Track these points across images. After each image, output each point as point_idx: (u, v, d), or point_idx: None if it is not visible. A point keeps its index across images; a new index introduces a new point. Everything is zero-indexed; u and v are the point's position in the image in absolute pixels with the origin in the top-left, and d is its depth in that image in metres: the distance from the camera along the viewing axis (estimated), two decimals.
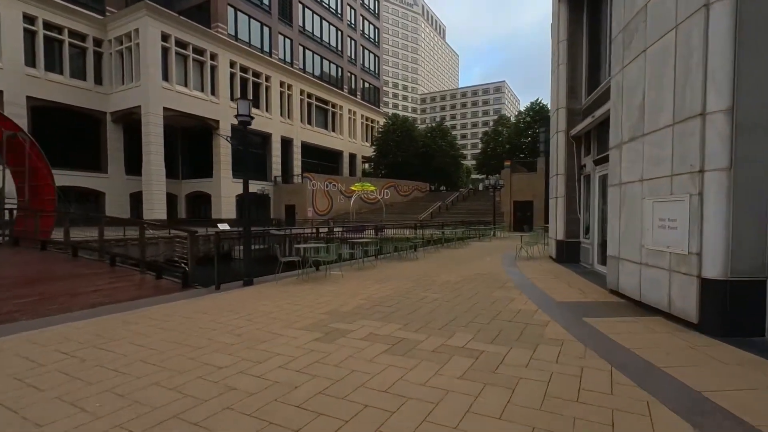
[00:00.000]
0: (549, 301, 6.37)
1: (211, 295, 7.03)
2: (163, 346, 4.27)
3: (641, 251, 5.73)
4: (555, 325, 5.06)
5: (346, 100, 45.25)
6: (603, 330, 4.79)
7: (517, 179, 28.47)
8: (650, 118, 5.53)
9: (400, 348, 4.20)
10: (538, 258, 12.30)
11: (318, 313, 5.71)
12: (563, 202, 10.88)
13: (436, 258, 12.75)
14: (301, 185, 35.19)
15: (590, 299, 6.53)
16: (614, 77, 6.75)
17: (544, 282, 8.09)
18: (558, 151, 11.02)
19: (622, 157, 6.37)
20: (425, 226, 20.20)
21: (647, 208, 5.55)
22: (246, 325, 5.09)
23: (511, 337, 4.56)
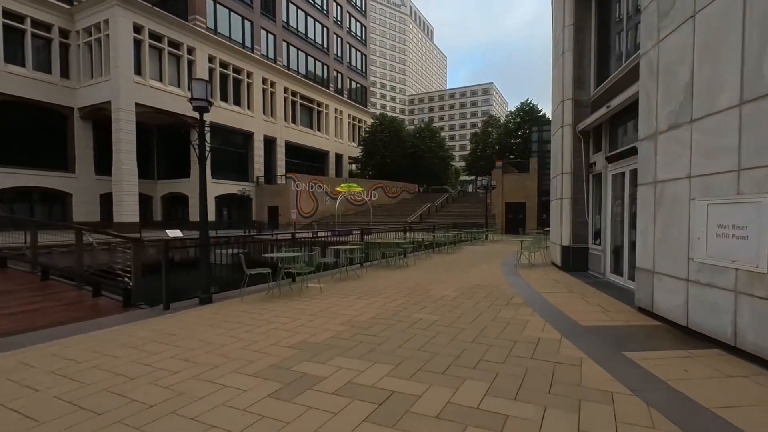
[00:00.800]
0: (571, 325, 5.21)
1: (155, 320, 5.67)
2: (45, 409, 2.93)
3: (689, 265, 4.60)
4: (591, 364, 3.88)
5: (333, 98, 43.90)
6: (657, 373, 3.63)
7: (509, 180, 27.56)
8: (703, 99, 4.41)
9: (390, 411, 2.95)
10: (540, 265, 11.21)
11: (283, 347, 4.42)
12: (569, 204, 9.79)
13: (427, 265, 11.56)
14: (285, 186, 33.68)
15: (619, 321, 5.38)
16: (645, 55, 5.64)
17: (557, 297, 6.94)
18: (563, 148, 9.94)
19: (658, 150, 5.25)
20: (415, 228, 19.04)
21: (699, 212, 4.43)
22: (183, 369, 3.77)
23: (540, 387, 3.35)
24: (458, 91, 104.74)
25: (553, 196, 11.19)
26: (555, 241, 10.76)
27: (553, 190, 11.27)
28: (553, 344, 4.46)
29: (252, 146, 34.74)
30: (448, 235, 15.98)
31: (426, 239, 14.53)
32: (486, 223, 24.28)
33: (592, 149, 9.56)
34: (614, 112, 7.89)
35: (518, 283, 8.48)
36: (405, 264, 11.75)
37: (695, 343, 4.42)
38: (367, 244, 12.03)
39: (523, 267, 10.93)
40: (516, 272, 10.00)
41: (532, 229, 26.77)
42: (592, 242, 9.56)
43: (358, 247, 9.90)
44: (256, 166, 34.86)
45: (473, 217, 29.80)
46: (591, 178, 9.54)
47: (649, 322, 5.29)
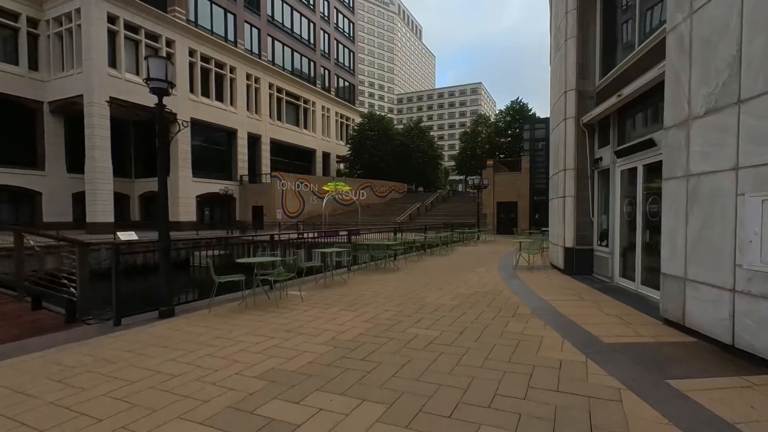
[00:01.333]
0: (593, 342, 4.46)
1: (99, 339, 4.73)
2: None
3: (735, 272, 3.88)
4: (632, 398, 3.11)
5: (320, 96, 42.88)
6: (718, 410, 2.88)
7: (501, 179, 27.00)
8: (755, 75, 3.69)
9: None
10: (540, 268, 10.51)
11: (249, 377, 3.56)
12: (572, 202, 9.10)
13: (420, 269, 10.76)
14: (270, 185, 32.57)
15: (647, 337, 4.65)
16: (674, 30, 4.92)
17: (568, 306, 6.20)
18: (566, 143, 9.25)
19: (692, 139, 4.53)
20: (405, 229, 18.23)
21: (751, 210, 3.71)
22: (112, 414, 2.88)
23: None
24: (447, 90, 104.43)
25: (553, 194, 10.51)
26: (556, 242, 10.07)
27: (553, 187, 10.59)
28: (578, 369, 3.69)
29: (235, 144, 33.53)
30: (441, 236, 15.23)
31: (417, 240, 13.76)
32: (478, 222, 23.65)
33: (597, 143, 8.89)
34: (626, 102, 7.20)
35: (521, 288, 7.74)
36: (396, 267, 10.93)
37: (746, 366, 3.70)
38: (355, 246, 11.19)
39: (522, 270, 10.22)
40: (516, 276, 9.27)
41: (525, 229, 26.26)
42: (597, 243, 8.89)
43: (345, 250, 9.04)
44: (239, 165, 33.66)
45: (464, 217, 29.17)
46: (596, 175, 8.87)
47: (683, 338, 4.56)
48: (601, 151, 8.61)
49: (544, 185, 26.08)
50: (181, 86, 28.67)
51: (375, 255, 10.64)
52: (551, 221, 11.03)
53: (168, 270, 5.79)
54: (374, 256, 10.81)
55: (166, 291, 5.78)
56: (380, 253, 10.62)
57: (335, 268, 10.04)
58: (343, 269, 10.25)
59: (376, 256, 10.70)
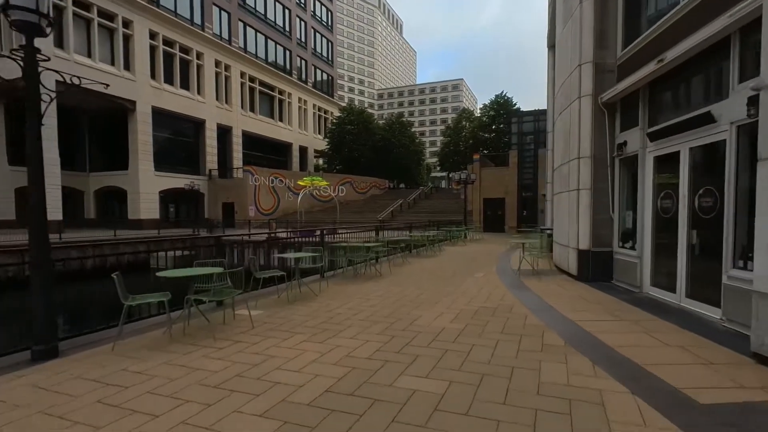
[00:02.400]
0: (683, 404, 2.92)
1: None
2: None
3: None
4: None
5: (296, 87, 40.69)
6: None
7: (488, 174, 25.71)
8: None
9: None
10: (545, 272, 9.05)
11: None
12: (588, 196, 7.66)
13: (407, 274, 9.15)
14: (242, 180, 30.34)
15: (758, 389, 3.14)
16: None
17: (607, 331, 4.69)
18: (579, 126, 7.79)
19: None
20: (386, 227, 16.59)
21: None
22: None
23: None
24: (428, 86, 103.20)
25: (561, 187, 9.06)
26: (565, 243, 8.63)
27: (560, 179, 9.14)
28: None
29: (203, 135, 31.12)
30: (428, 235, 13.67)
31: (402, 240, 12.14)
32: (465, 220, 22.27)
33: (619, 126, 7.45)
34: (667, 70, 5.74)
35: (535, 302, 6.21)
36: (378, 273, 9.27)
37: None
38: (331, 248, 9.48)
39: (527, 275, 8.73)
40: (523, 284, 7.76)
41: (513, 227, 25.10)
42: (618, 245, 7.47)
43: (313, 255, 7.28)
44: (208, 158, 31.27)
45: (448, 214, 27.79)
46: (618, 164, 7.44)
47: None
48: (625, 135, 7.17)
49: (532, 181, 24.97)
50: (140, 71, 26.13)
51: (354, 258, 8.96)
52: (557, 219, 9.60)
53: (47, 292, 3.94)
54: (352, 260, 9.12)
55: (44, 322, 3.93)
56: (360, 256, 8.95)
57: (303, 276, 8.31)
58: (314, 277, 8.52)
59: (354, 259, 9.03)
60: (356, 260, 9.14)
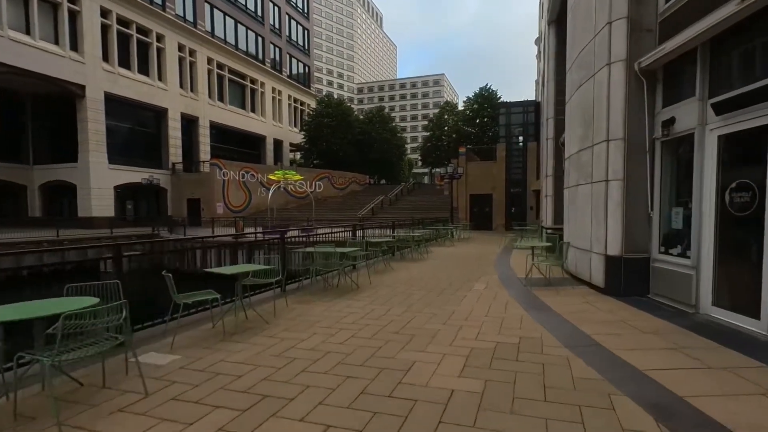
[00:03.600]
0: None
1: None
2: None
3: None
4: None
5: (270, 76, 38.21)
6: None
7: (474, 168, 24.21)
8: None
9: None
10: (561, 282, 7.43)
11: None
12: (620, 189, 6.07)
13: (391, 285, 7.39)
14: (209, 174, 27.88)
15: None
16: None
17: (703, 393, 3.04)
18: (608, 100, 6.18)
19: None
20: (366, 225, 14.77)
21: None
22: None
23: None
24: (409, 81, 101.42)
25: (579, 178, 7.45)
26: (584, 246, 7.03)
27: (579, 168, 7.53)
28: None
29: (166, 126, 28.46)
30: (414, 235, 11.93)
31: (383, 242, 10.33)
32: (451, 217, 20.71)
33: (661, 99, 5.87)
34: (752, 11, 4.15)
35: (568, 332, 4.54)
36: (354, 285, 7.47)
37: None
38: (299, 254, 7.60)
39: (537, 285, 7.10)
40: (539, 300, 6.11)
41: (501, 224, 23.73)
42: (659, 250, 5.90)
43: (260, 268, 5.34)
44: (171, 150, 28.65)
45: (432, 211, 26.20)
46: (660, 147, 5.86)
47: None
48: (672, 110, 5.59)
49: (521, 176, 23.64)
50: (91, 53, 23.36)
51: (320, 269, 7.12)
52: (572, 217, 8.00)
53: None
54: (320, 270, 7.26)
55: None
56: (332, 265, 7.11)
57: (257, 289, 6.43)
58: (269, 292, 6.63)
59: (322, 269, 7.18)
60: (327, 269, 7.29)
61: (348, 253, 7.23)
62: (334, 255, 7.01)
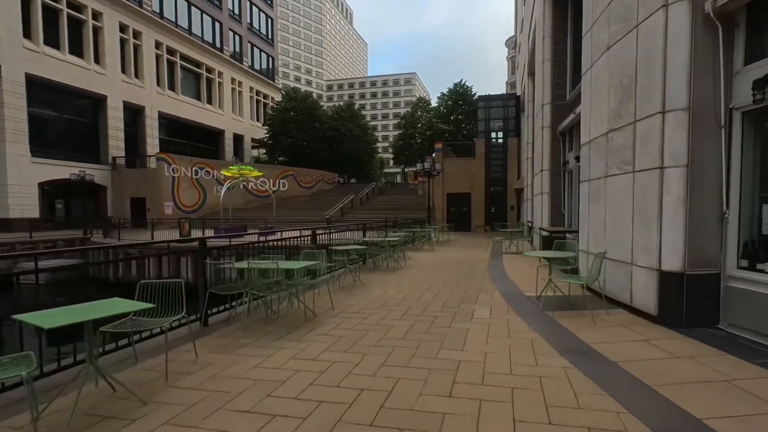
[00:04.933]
0: None
1: None
2: None
3: None
4: None
5: (229, 66, 35.19)
6: None
7: (451, 166, 22.58)
8: None
9: None
10: (589, 305, 5.65)
11: None
12: (681, 179, 4.36)
13: (360, 311, 5.37)
14: (155, 171, 24.79)
15: None
16: None
17: None
18: (666, 54, 4.45)
19: None
20: (334, 227, 12.67)
21: None
22: None
23: None
24: (380, 79, 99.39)
25: (610, 168, 5.69)
26: (624, 258, 5.28)
27: (611, 153, 5.79)
28: None
29: (105, 115, 25.07)
30: (389, 240, 9.88)
31: (354, 249, 8.26)
32: (429, 218, 18.94)
33: (742, 52, 4.18)
34: None
35: (667, 416, 2.68)
36: (309, 311, 5.38)
37: None
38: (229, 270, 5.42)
39: (560, 310, 5.27)
40: (575, 338, 4.27)
41: (480, 225, 22.22)
42: (738, 264, 4.21)
43: (141, 307, 3.12)
44: (112, 143, 25.29)
45: (406, 211, 24.40)
46: (740, 120, 4.16)
47: None
48: (763, 67, 3.89)
49: (501, 174, 22.23)
50: (7, 27, 19.90)
51: (260, 292, 4.99)
52: (592, 218, 6.24)
53: None
54: (259, 294, 5.13)
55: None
56: (280, 289, 5.00)
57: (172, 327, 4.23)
58: (182, 329, 4.43)
59: (261, 293, 5.05)
60: (271, 291, 5.15)
61: (297, 269, 5.13)
62: (277, 272, 4.89)
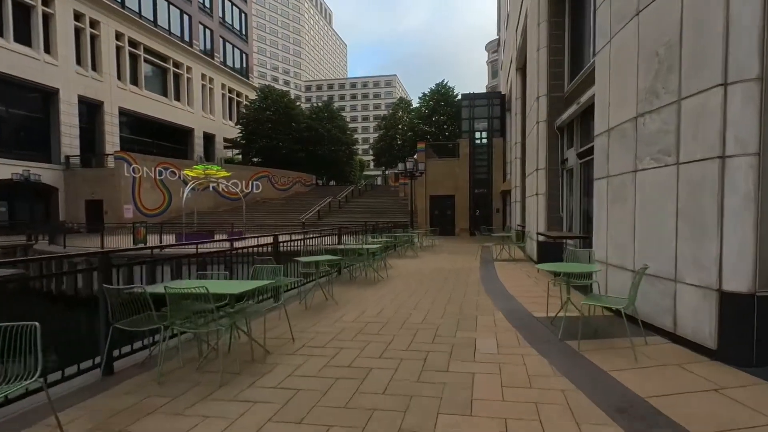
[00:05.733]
0: None
1: None
2: None
3: None
4: None
5: (199, 61, 33.25)
6: None
7: (435, 167, 21.53)
8: None
9: None
10: (618, 333, 4.55)
11: None
12: (750, 171, 3.29)
13: (327, 346, 4.11)
14: (114, 171, 22.76)
15: None
16: None
17: None
18: (730, 7, 3.38)
19: None
20: (304, 232, 11.32)
21: None
22: None
23: None
24: (360, 80, 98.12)
25: (641, 161, 4.62)
26: (663, 272, 4.18)
27: (633, 144, 4.73)
28: None
29: (57, 110, 22.88)
30: (368, 248, 8.59)
31: (327, 259, 6.96)
32: (412, 222, 17.80)
33: None
34: None
35: None
36: (262, 347, 4.08)
37: None
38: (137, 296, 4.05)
39: (585, 340, 4.13)
40: (618, 385, 3.13)
41: (464, 229, 21.24)
42: None
43: None
44: (65, 141, 23.12)
45: (387, 215, 23.23)
46: None
47: None
48: None
49: (486, 175, 21.34)
50: None
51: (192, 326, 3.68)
52: (612, 222, 5.16)
53: None
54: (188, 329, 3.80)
55: None
56: (216, 315, 3.70)
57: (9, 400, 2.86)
58: (77, 380, 3.07)
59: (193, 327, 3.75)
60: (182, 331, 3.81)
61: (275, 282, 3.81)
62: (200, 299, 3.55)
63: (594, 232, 5.81)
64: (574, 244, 8.55)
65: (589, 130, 7.85)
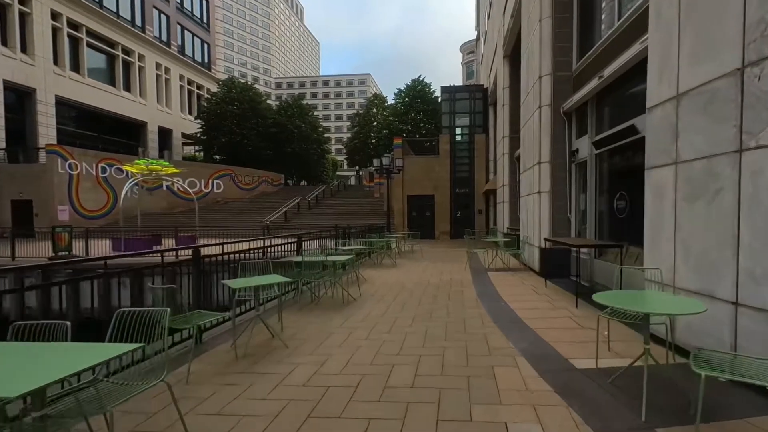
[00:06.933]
0: None
1: None
2: None
3: None
4: None
5: (153, 48, 30.29)
6: None
7: (412, 164, 19.85)
8: None
9: None
10: (727, 407, 2.95)
11: None
12: None
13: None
14: (46, 167, 19.82)
15: None
16: None
17: None
18: None
19: None
20: (273, 235, 9.42)
21: None
22: None
23: None
24: (333, 78, 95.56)
25: (748, 138, 3.04)
26: None
27: (694, 118, 3.14)
28: None
29: None
30: (336, 260, 6.74)
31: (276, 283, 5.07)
32: (389, 225, 16.05)
33: None
34: None
35: None
36: None
37: None
38: None
39: (684, 429, 2.49)
40: None
41: (445, 232, 19.70)
42: None
43: None
44: None
45: (360, 216, 21.43)
46: None
47: None
48: None
49: (468, 174, 19.88)
50: None
51: None
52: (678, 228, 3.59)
53: None
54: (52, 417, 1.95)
55: None
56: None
57: None
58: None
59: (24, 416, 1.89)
60: None
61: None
62: None
63: (646, 242, 4.21)
64: (588, 253, 7.04)
65: (614, 110, 6.34)
